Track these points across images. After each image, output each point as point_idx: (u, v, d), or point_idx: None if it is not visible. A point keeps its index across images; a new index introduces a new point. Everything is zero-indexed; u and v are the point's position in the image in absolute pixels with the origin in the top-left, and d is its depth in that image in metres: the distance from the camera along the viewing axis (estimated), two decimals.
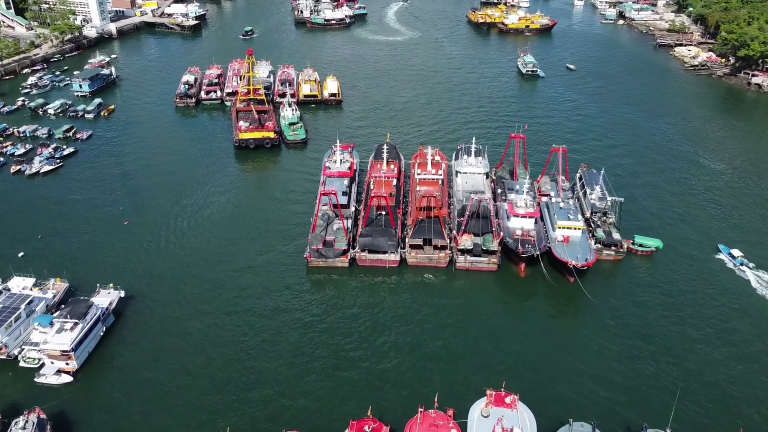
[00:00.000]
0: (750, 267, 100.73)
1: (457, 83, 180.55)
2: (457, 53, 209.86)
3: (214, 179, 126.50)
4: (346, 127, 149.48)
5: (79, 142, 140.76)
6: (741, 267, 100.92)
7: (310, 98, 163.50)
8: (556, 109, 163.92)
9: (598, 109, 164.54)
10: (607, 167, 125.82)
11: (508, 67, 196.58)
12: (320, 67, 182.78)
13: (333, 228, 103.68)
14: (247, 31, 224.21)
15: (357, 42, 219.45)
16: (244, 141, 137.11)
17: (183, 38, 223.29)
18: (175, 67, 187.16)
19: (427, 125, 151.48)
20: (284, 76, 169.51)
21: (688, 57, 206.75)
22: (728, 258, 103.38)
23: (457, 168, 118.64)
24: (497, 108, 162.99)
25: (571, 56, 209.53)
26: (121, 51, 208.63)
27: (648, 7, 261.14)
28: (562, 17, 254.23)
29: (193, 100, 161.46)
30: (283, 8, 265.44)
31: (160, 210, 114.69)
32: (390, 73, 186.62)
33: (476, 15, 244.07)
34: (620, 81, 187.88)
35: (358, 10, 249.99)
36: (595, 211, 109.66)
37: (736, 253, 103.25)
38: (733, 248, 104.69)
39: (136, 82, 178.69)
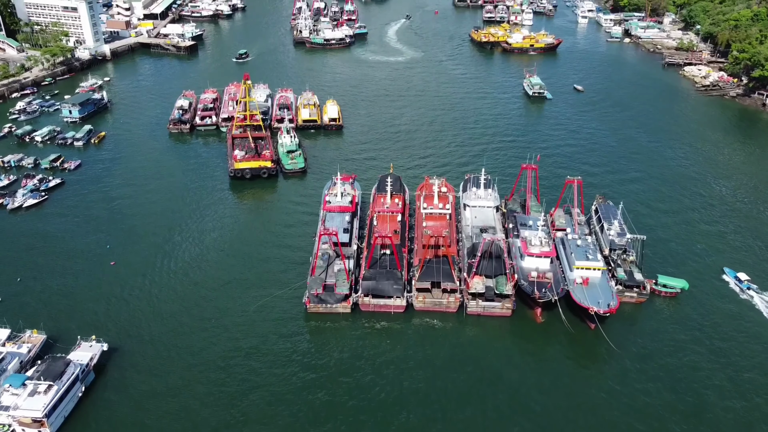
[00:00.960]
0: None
1: (462, 106, 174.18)
2: (461, 74, 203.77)
3: (208, 212, 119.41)
4: (347, 155, 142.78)
5: (66, 173, 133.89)
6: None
7: (309, 123, 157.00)
8: (565, 133, 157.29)
9: (610, 133, 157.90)
10: (623, 198, 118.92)
11: (513, 89, 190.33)
12: (320, 90, 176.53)
13: (334, 269, 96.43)
14: (241, 54, 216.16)
15: (358, 63, 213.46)
16: (239, 171, 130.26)
17: (179, 59, 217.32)
18: (169, 90, 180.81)
19: (431, 152, 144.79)
20: (282, 100, 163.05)
21: (698, 77, 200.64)
22: (762, 300, 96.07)
23: (465, 201, 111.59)
24: (504, 133, 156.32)
25: (578, 76, 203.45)
26: (115, 73, 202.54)
27: (654, 25, 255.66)
28: (566, 35, 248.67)
29: (187, 126, 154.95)
30: (281, 28, 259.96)
31: (150, 248, 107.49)
32: (392, 96, 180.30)
33: (479, 34, 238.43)
34: (630, 102, 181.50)
35: (358, 30, 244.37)
36: (614, 248, 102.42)
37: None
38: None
39: (129, 106, 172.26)
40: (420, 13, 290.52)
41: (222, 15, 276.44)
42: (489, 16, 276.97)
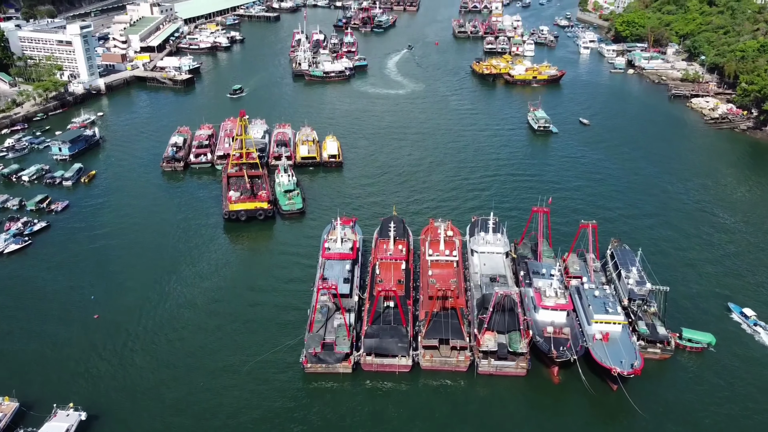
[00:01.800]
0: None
1: (466, 142, 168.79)
2: (464, 107, 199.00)
3: (200, 258, 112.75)
4: (347, 195, 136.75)
5: (53, 215, 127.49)
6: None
7: (307, 160, 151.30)
8: (574, 170, 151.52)
9: (620, 170, 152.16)
10: (639, 240, 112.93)
11: (518, 123, 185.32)
12: (319, 124, 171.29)
13: (333, 324, 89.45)
14: (236, 90, 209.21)
15: (358, 96, 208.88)
16: (234, 213, 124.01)
17: (175, 93, 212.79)
18: (164, 125, 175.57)
19: (435, 191, 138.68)
20: (280, 136, 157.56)
21: (707, 109, 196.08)
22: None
23: (473, 246, 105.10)
24: (511, 170, 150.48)
25: (583, 109, 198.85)
26: (109, 108, 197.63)
27: (658, 56, 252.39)
28: (569, 67, 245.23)
29: (181, 164, 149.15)
30: (280, 60, 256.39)
31: (137, 299, 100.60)
32: (393, 131, 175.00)
33: (481, 66, 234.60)
34: (638, 136, 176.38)
35: (358, 62, 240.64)
36: (633, 298, 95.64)
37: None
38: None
39: (122, 142, 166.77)
40: (420, 44, 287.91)
41: (220, 47, 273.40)
42: (490, 47, 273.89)
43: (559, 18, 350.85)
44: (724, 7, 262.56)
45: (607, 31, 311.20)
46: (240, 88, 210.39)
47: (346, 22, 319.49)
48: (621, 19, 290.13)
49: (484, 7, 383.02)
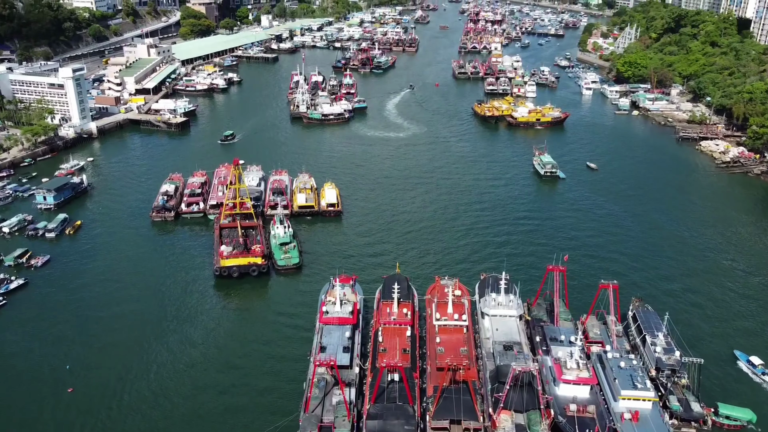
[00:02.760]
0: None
1: (470, 188, 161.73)
2: (467, 152, 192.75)
3: (188, 321, 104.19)
4: (347, 247, 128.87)
5: (32, 271, 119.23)
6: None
7: (305, 210, 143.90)
8: (585, 220, 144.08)
9: (633, 219, 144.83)
10: (659, 298, 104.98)
11: (523, 167, 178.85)
12: (317, 170, 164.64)
13: (331, 401, 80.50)
14: (227, 136, 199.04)
15: (357, 140, 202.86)
16: (225, 269, 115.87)
17: (169, 137, 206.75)
18: (156, 171, 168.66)
19: (440, 244, 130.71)
20: (276, 184, 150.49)
21: (717, 152, 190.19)
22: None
23: (483, 308, 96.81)
24: (519, 220, 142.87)
25: (589, 152, 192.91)
26: (101, 152, 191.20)
27: (662, 97, 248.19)
28: (572, 108, 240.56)
29: (171, 214, 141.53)
30: (278, 102, 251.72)
31: (118, 368, 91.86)
32: (395, 177, 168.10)
33: (483, 108, 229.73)
34: (649, 182, 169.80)
35: (357, 104, 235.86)
36: (662, 368, 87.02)
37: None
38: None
39: (111, 190, 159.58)
40: (420, 85, 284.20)
41: (217, 89, 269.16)
42: (491, 88, 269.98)
43: (559, 58, 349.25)
44: (727, 48, 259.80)
45: (609, 72, 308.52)
46: (231, 134, 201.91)
47: (345, 63, 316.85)
48: (622, 60, 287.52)
49: (483, 48, 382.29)
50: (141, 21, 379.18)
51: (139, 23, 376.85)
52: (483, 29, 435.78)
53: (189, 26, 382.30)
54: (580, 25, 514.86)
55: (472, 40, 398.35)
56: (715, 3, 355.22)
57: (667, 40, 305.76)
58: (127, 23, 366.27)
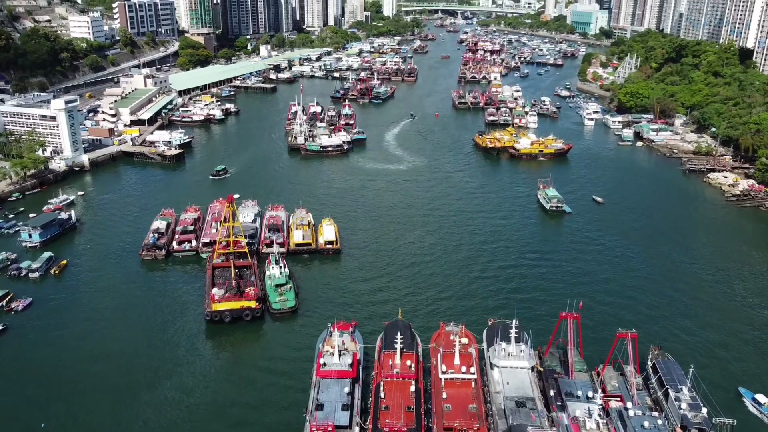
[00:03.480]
0: None
1: (474, 224, 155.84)
2: (469, 184, 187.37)
3: (175, 371, 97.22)
4: (346, 289, 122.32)
5: (12, 315, 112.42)
6: None
7: (302, 247, 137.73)
8: (594, 257, 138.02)
9: (645, 257, 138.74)
10: (680, 346, 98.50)
11: (528, 201, 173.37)
12: (315, 205, 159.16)
13: None
14: (219, 171, 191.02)
15: (356, 172, 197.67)
16: (217, 314, 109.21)
17: (163, 169, 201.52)
18: (148, 206, 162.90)
19: (444, 286, 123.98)
20: (272, 220, 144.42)
21: (726, 185, 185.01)
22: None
23: (493, 359, 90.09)
24: (526, 258, 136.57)
25: (594, 185, 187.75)
26: (92, 186, 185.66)
27: (666, 128, 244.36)
28: (574, 139, 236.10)
29: (162, 252, 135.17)
30: (276, 133, 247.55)
31: (98, 426, 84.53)
32: (395, 212, 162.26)
33: (484, 139, 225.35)
34: (658, 216, 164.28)
35: (357, 135, 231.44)
36: (688, 426, 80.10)
37: None
38: None
39: (101, 226, 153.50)
40: (420, 115, 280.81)
41: (214, 119, 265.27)
42: (492, 119, 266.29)
43: (559, 88, 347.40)
44: (730, 79, 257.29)
45: (610, 102, 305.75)
46: (224, 168, 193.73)
47: (343, 93, 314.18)
48: (624, 90, 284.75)
49: (483, 78, 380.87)
50: (139, 51, 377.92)
51: (137, 53, 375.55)
52: (482, 59, 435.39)
53: (187, 56, 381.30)
54: (579, 55, 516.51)
55: (471, 69, 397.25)
56: (714, 33, 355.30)
57: (668, 70, 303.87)
58: (124, 53, 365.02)
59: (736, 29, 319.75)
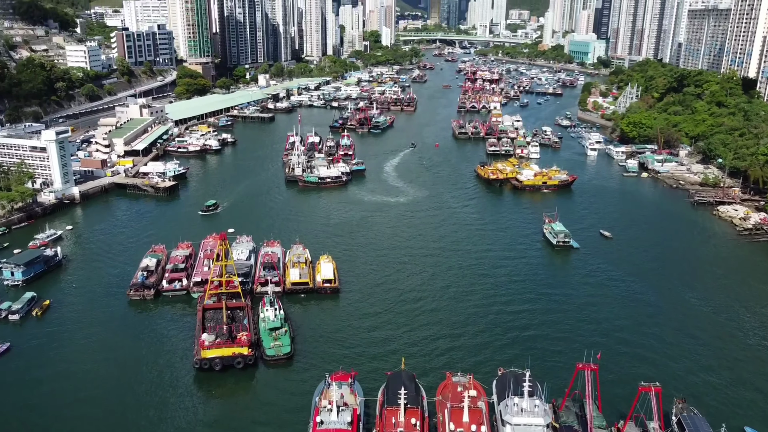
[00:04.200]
0: None
1: (479, 261, 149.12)
2: (472, 218, 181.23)
3: (160, 424, 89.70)
4: (345, 333, 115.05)
5: None
6: None
7: (299, 286, 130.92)
8: (606, 297, 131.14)
9: (659, 296, 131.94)
10: (706, 399, 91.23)
11: (533, 235, 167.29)
12: (312, 240, 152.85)
13: None
14: (209, 206, 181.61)
15: (355, 205, 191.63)
16: (207, 361, 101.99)
17: (157, 202, 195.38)
18: (138, 241, 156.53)
19: (450, 330, 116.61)
20: (267, 258, 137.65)
21: (737, 218, 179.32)
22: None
23: (505, 416, 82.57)
24: (535, 299, 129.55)
25: (600, 218, 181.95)
26: (82, 219, 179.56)
27: (672, 159, 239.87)
28: (577, 169, 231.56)
29: (151, 292, 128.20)
30: (273, 163, 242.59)
31: None
32: (397, 248, 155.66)
33: (486, 170, 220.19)
34: (667, 251, 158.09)
35: (355, 166, 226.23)
36: None
37: None
38: None
39: (88, 263, 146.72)
40: (420, 145, 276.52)
41: (210, 150, 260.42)
42: (493, 149, 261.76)
43: (560, 118, 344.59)
44: (735, 109, 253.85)
45: (612, 132, 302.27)
46: (214, 204, 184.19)
47: (342, 122, 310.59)
48: (627, 120, 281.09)
49: (483, 107, 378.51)
50: (136, 80, 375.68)
51: (134, 83, 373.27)
52: (481, 88, 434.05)
53: (184, 86, 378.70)
54: (578, 84, 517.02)
55: (471, 99, 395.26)
56: (715, 63, 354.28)
57: (670, 100, 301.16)
58: (121, 83, 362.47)
59: (737, 59, 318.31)
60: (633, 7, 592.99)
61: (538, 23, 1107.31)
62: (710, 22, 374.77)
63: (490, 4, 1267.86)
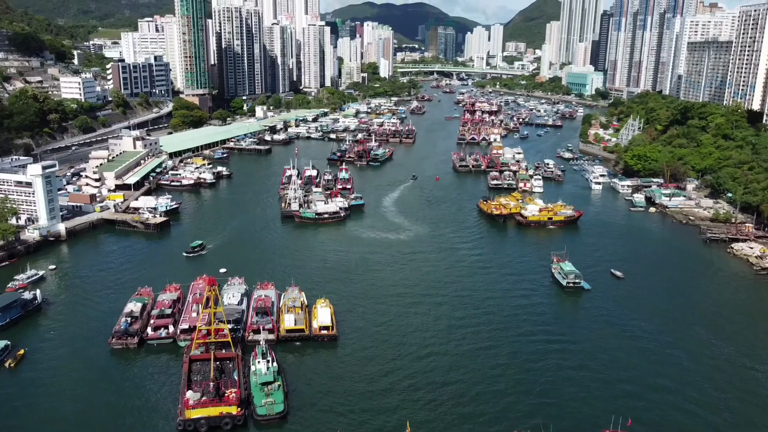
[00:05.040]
0: None
1: (487, 306, 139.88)
2: (478, 258, 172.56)
3: None
4: (344, 389, 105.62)
5: None
6: None
7: (294, 334, 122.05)
8: (626, 349, 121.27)
9: (682, 346, 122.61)
10: None
11: (541, 276, 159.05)
12: (309, 282, 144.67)
13: None
14: (195, 247, 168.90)
15: (354, 243, 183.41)
16: (191, 422, 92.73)
17: (147, 239, 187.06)
18: (125, 282, 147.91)
19: (458, 386, 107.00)
20: (260, 303, 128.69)
21: (753, 257, 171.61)
22: None
23: None
24: (547, 353, 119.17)
25: (610, 256, 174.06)
26: (69, 257, 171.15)
27: (680, 193, 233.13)
28: (582, 204, 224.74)
29: (135, 340, 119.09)
30: (269, 198, 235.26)
31: None
32: (398, 291, 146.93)
33: (489, 205, 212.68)
34: (684, 293, 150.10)
35: (354, 201, 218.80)
36: None
37: None
38: None
39: (70, 306, 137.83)
40: (420, 178, 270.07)
41: (204, 183, 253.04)
42: (495, 182, 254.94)
43: (562, 150, 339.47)
44: (742, 142, 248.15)
45: (615, 164, 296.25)
46: (200, 244, 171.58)
47: (340, 155, 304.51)
48: (631, 153, 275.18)
49: (483, 140, 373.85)
50: (131, 112, 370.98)
51: (130, 114, 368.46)
52: (480, 120, 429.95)
53: (180, 117, 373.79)
54: (577, 116, 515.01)
55: (471, 131, 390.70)
56: (717, 95, 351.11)
57: (674, 133, 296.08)
58: (116, 114, 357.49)
59: (740, 91, 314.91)
60: (630, 39, 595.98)
61: (535, 55, 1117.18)
62: (710, 54, 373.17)
63: (486, 37, 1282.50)
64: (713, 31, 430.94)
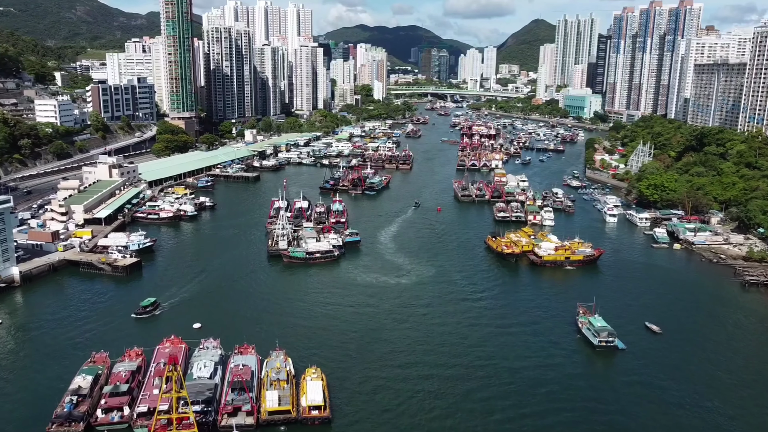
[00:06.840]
0: None
1: (504, 373, 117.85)
2: (489, 312, 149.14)
3: None
4: None
5: None
6: None
7: (278, 416, 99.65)
8: (677, 427, 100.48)
9: (743, 425, 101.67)
10: None
11: (562, 329, 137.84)
12: (296, 342, 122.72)
13: None
14: (146, 307, 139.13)
15: (349, 288, 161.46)
16: None
17: (115, 283, 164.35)
18: (78, 344, 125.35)
19: None
20: (238, 375, 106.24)
21: None
22: None
23: None
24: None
25: (640, 305, 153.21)
26: (21, 307, 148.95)
27: (705, 227, 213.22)
28: (597, 239, 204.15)
29: (80, 426, 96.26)
30: (255, 233, 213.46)
31: None
32: (403, 355, 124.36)
33: (499, 242, 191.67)
34: (729, 352, 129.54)
35: (349, 237, 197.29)
36: None
37: None
38: None
39: (9, 373, 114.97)
40: (421, 209, 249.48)
41: (185, 216, 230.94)
42: (502, 215, 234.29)
43: (568, 178, 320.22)
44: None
45: (627, 194, 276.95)
46: (154, 302, 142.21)
47: (333, 183, 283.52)
48: (646, 182, 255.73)
49: (483, 165, 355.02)
50: (111, 137, 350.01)
51: (110, 139, 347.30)
52: (479, 144, 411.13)
53: (164, 142, 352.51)
54: (578, 140, 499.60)
55: (470, 156, 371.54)
56: (728, 119, 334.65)
57: (690, 160, 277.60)
58: (95, 139, 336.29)
59: (756, 116, 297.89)
60: (630, 62, 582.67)
61: (528, 77, 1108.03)
62: (720, 76, 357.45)
63: (480, 59, 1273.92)
64: (720, 53, 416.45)
